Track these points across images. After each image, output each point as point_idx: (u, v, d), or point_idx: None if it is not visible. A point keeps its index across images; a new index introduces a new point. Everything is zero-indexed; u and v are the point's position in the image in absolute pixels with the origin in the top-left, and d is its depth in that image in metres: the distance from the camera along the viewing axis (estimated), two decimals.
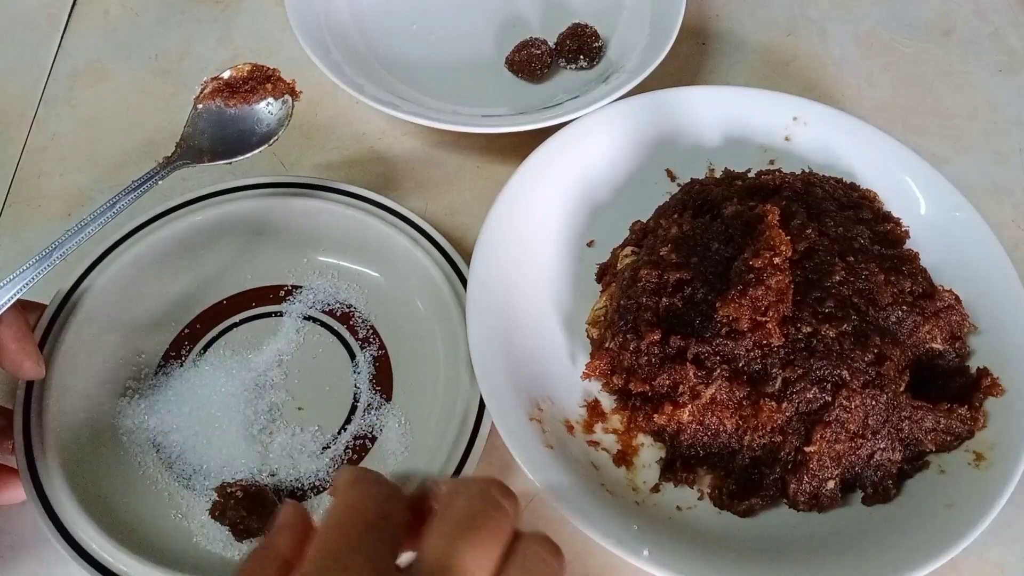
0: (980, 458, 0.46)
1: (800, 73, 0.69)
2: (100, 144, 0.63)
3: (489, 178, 0.61)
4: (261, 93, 0.52)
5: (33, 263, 0.44)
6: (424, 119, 0.58)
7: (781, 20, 0.73)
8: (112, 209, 0.47)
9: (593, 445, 0.48)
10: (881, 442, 0.45)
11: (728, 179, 0.54)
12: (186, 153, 0.50)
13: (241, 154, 0.51)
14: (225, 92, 0.52)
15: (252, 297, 0.54)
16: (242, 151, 0.51)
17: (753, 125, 0.59)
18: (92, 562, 0.42)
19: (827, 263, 0.47)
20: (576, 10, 0.68)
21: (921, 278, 0.49)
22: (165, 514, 0.46)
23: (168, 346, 0.52)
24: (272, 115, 0.52)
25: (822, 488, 0.45)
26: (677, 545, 0.42)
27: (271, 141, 0.51)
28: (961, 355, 0.49)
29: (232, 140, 0.52)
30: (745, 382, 0.45)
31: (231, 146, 0.51)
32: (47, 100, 0.65)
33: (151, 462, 0.48)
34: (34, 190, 0.60)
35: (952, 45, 0.72)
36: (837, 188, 0.53)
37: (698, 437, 0.46)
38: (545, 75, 0.65)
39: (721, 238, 0.48)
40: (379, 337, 0.52)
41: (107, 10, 0.71)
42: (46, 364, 0.47)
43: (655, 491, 0.47)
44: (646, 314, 0.46)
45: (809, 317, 0.45)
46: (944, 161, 0.63)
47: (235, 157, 0.51)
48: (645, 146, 0.58)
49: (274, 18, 0.70)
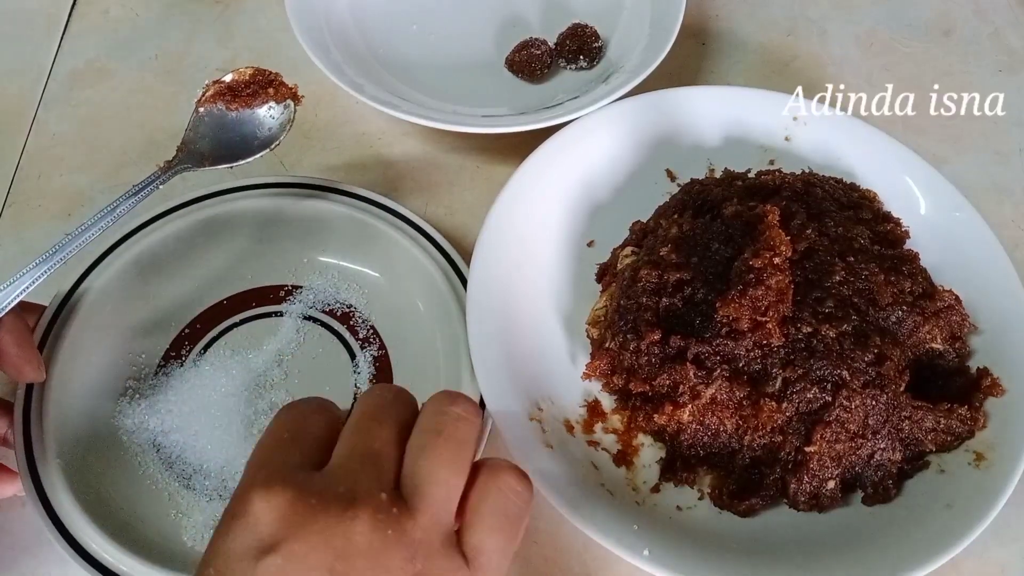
0: (980, 458, 0.46)
1: (800, 73, 0.69)
2: (100, 144, 0.63)
3: (489, 178, 0.61)
4: (263, 97, 0.52)
5: (32, 267, 0.44)
6: (424, 119, 0.58)
7: (781, 20, 0.73)
8: (113, 213, 0.47)
9: (593, 445, 0.48)
10: (881, 442, 0.45)
11: (728, 179, 0.54)
12: (187, 157, 0.50)
13: (242, 158, 0.51)
14: (227, 96, 0.52)
15: (252, 297, 0.54)
16: (243, 155, 0.51)
17: (753, 125, 0.59)
18: (92, 562, 0.42)
19: (827, 263, 0.47)
20: (576, 10, 0.68)
21: (921, 278, 0.49)
22: (165, 514, 0.46)
23: (168, 346, 0.52)
24: (274, 119, 0.52)
25: (822, 488, 0.45)
26: (677, 545, 0.42)
27: (272, 146, 0.51)
28: (961, 355, 0.49)
29: (233, 144, 0.51)
30: (745, 382, 0.45)
31: (232, 150, 0.51)
32: (47, 100, 0.65)
33: (151, 462, 0.48)
34: (34, 190, 0.60)
35: (952, 45, 0.72)
36: (837, 188, 0.53)
37: (698, 437, 0.46)
38: (545, 75, 0.65)
39: (721, 238, 0.48)
40: (379, 337, 0.52)
41: (107, 10, 0.71)
42: (46, 364, 0.47)
43: (655, 491, 0.47)
44: (646, 314, 0.46)
45: (809, 317, 0.45)
46: (944, 161, 0.63)
47: (236, 161, 0.51)
48: (645, 146, 0.58)
49: (274, 18, 0.70)
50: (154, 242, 0.52)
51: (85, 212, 0.58)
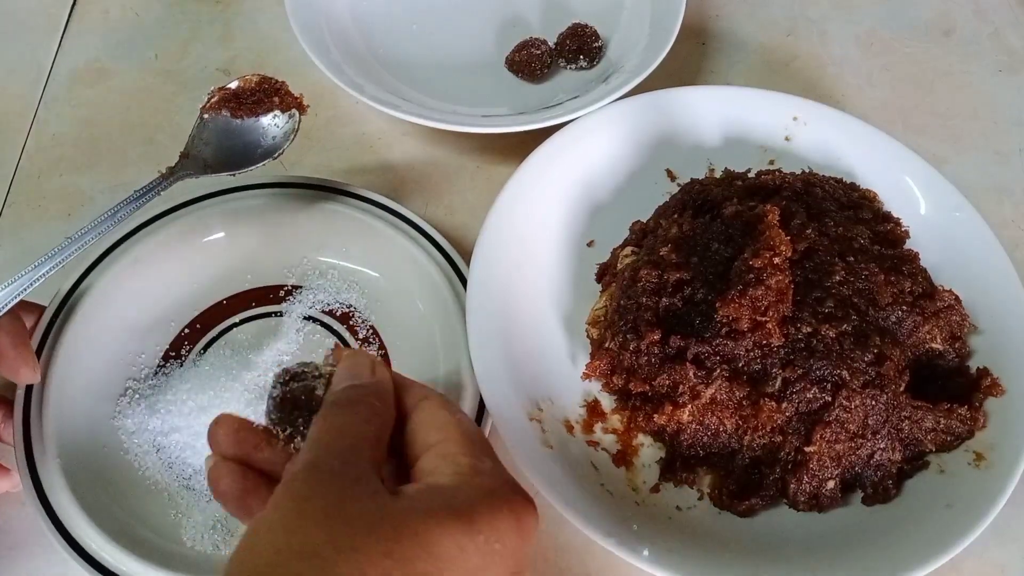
0: (980, 458, 0.46)
1: (800, 73, 0.69)
2: (100, 144, 0.63)
3: (489, 178, 0.61)
4: (268, 105, 0.52)
5: (31, 269, 0.44)
6: (424, 119, 0.58)
7: (781, 20, 0.73)
8: (113, 217, 0.47)
9: (593, 445, 0.48)
10: (881, 442, 0.45)
11: (728, 179, 0.54)
12: (190, 163, 0.50)
13: (244, 167, 0.50)
14: (232, 103, 0.51)
15: (252, 297, 0.54)
16: (246, 164, 0.51)
17: (753, 125, 0.59)
18: (92, 562, 0.42)
19: (827, 263, 0.47)
20: (576, 10, 0.68)
21: (921, 278, 0.49)
22: (165, 514, 0.46)
23: (168, 346, 0.52)
24: (278, 128, 0.52)
25: (822, 488, 0.45)
26: (677, 545, 0.42)
27: (276, 155, 0.51)
28: (961, 355, 0.49)
29: (236, 152, 0.51)
30: (745, 382, 0.45)
31: (235, 158, 0.51)
32: (47, 100, 0.65)
33: (151, 462, 0.47)
34: (34, 190, 0.60)
35: (952, 45, 0.72)
36: (837, 188, 0.53)
37: (698, 437, 0.46)
38: (545, 75, 0.65)
39: (721, 238, 0.48)
40: (379, 337, 0.52)
41: (107, 10, 0.71)
42: (46, 364, 0.47)
43: (655, 491, 0.47)
44: (646, 314, 0.46)
45: (809, 317, 0.45)
46: (944, 161, 0.63)
47: (238, 170, 0.50)
48: (645, 146, 0.58)
49: (274, 18, 0.70)
50: (154, 242, 0.52)
51: (85, 212, 0.58)
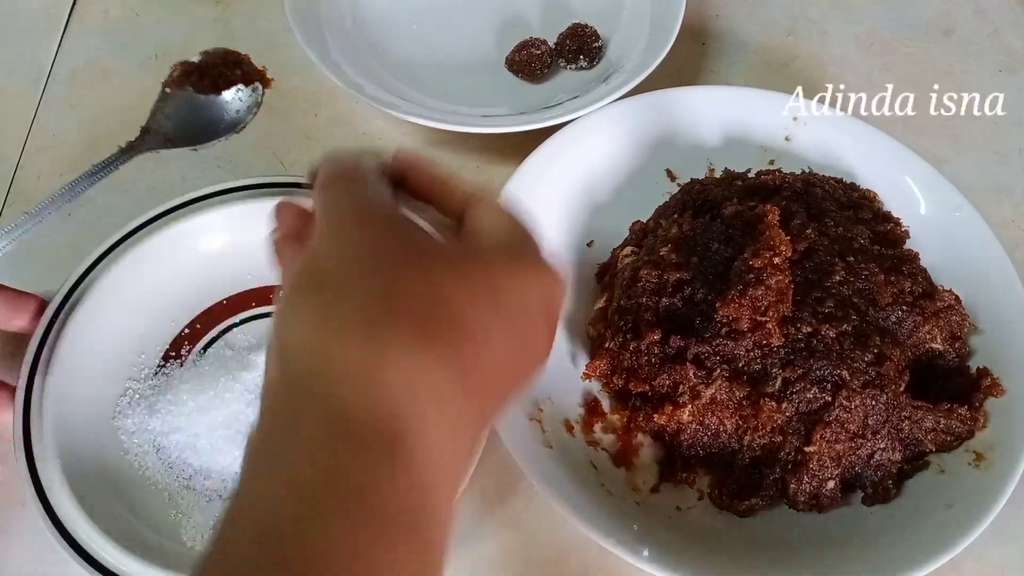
0: (980, 458, 0.46)
1: (800, 73, 0.69)
2: (100, 144, 0.63)
3: (489, 178, 0.61)
4: (231, 78, 0.51)
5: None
6: (424, 119, 0.58)
7: (781, 20, 0.73)
8: (72, 191, 0.46)
9: (593, 445, 0.48)
10: (881, 442, 0.45)
11: (728, 179, 0.54)
12: (150, 138, 0.49)
13: (206, 141, 0.50)
14: (194, 76, 0.51)
15: (252, 297, 0.54)
16: (208, 138, 0.50)
17: (753, 125, 0.59)
18: (92, 562, 0.42)
19: (827, 263, 0.47)
20: (576, 10, 0.68)
21: (921, 278, 0.49)
22: (165, 514, 0.46)
23: (168, 346, 0.52)
24: (241, 102, 0.51)
25: (822, 488, 0.45)
26: (677, 545, 0.42)
27: (238, 128, 0.50)
28: (961, 355, 0.49)
29: (199, 126, 0.50)
30: (745, 382, 0.45)
31: (197, 132, 0.50)
32: (47, 100, 0.65)
33: (151, 462, 0.47)
34: (34, 190, 0.60)
35: (952, 45, 0.72)
36: (837, 188, 0.53)
37: (698, 437, 0.46)
38: (545, 75, 0.65)
39: (721, 238, 0.48)
40: None
41: (107, 10, 0.71)
42: (46, 364, 0.47)
43: (655, 491, 0.47)
44: (646, 314, 0.46)
45: (809, 317, 0.45)
46: (944, 161, 0.63)
47: (200, 144, 0.50)
48: (645, 146, 0.58)
49: (274, 18, 0.70)
50: (154, 242, 0.52)
51: (85, 212, 0.58)
